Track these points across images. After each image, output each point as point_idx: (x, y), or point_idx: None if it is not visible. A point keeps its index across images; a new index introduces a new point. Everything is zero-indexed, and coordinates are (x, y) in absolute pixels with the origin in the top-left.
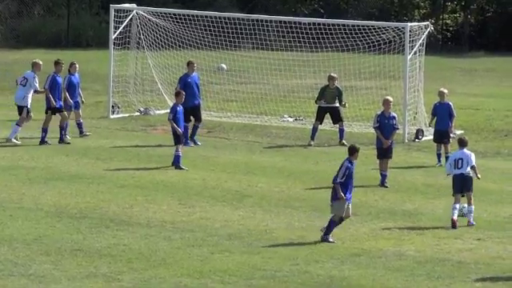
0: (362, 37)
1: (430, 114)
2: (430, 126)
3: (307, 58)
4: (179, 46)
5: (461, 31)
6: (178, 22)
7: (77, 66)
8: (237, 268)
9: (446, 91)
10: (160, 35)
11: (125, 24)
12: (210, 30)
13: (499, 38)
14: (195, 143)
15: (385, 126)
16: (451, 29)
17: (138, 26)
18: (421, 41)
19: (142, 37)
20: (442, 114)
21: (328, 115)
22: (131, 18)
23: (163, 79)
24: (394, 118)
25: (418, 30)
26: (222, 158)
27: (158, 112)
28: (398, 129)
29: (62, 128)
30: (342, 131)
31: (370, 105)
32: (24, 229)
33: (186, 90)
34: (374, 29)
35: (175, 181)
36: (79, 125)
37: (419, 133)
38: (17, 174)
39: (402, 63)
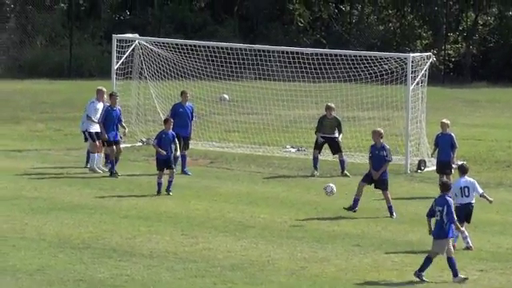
0: (365, 67)
1: (432, 145)
2: (432, 156)
3: (309, 89)
4: (181, 76)
5: (463, 62)
6: (180, 52)
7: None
8: None
9: (447, 122)
10: (162, 65)
11: (127, 54)
12: (212, 61)
13: (501, 68)
14: (186, 173)
15: (376, 157)
16: (453, 59)
17: (140, 56)
18: (423, 71)
19: (144, 67)
20: (444, 145)
21: (327, 145)
22: (133, 48)
23: (165, 109)
24: (384, 149)
25: (420, 60)
26: (224, 188)
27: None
28: (389, 160)
29: (114, 160)
30: (342, 162)
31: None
32: (27, 259)
33: (177, 119)
34: (377, 59)
35: (178, 211)
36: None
37: (421, 163)
38: (19, 204)
39: (405, 94)
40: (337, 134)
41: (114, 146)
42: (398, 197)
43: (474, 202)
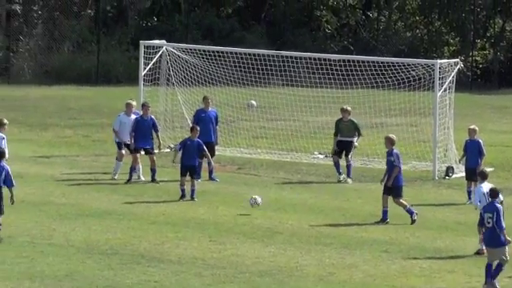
0: (392, 73)
1: (460, 151)
2: (460, 163)
3: (337, 95)
4: (209, 82)
5: (490, 68)
6: (207, 58)
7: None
8: None
9: (476, 128)
10: (189, 71)
11: (154, 60)
12: (240, 67)
13: None
14: (213, 180)
15: (388, 162)
16: (481, 66)
17: (167, 63)
18: (450, 78)
19: (171, 73)
20: (472, 152)
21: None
22: (161, 55)
23: (193, 115)
24: (391, 154)
25: (448, 66)
26: (252, 194)
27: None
28: (396, 166)
29: (152, 170)
30: (349, 167)
31: (400, 141)
32: (55, 265)
33: (200, 125)
34: (404, 66)
35: (206, 217)
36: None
37: (449, 170)
38: (47, 209)
39: (432, 100)
40: (355, 139)
41: (148, 156)
42: (425, 203)
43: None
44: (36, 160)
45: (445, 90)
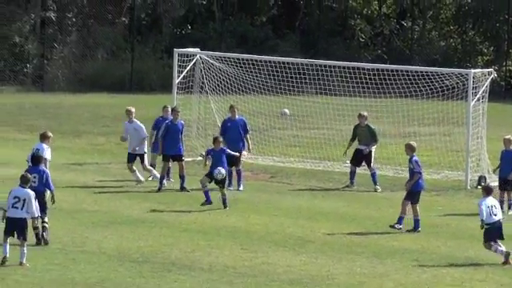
0: (426, 83)
1: (494, 161)
2: (494, 173)
3: (370, 104)
4: (242, 90)
5: None
6: (241, 66)
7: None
8: None
9: (511, 138)
10: (223, 80)
11: (188, 68)
12: (274, 75)
13: None
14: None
15: (409, 169)
16: None
17: (201, 71)
18: (484, 87)
19: (205, 81)
20: (506, 162)
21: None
22: (195, 63)
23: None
24: (410, 161)
25: (482, 76)
26: (284, 203)
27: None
28: (416, 172)
29: (181, 177)
30: (373, 176)
31: (433, 151)
32: (86, 272)
33: (227, 134)
34: (438, 75)
35: (237, 226)
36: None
37: (482, 179)
38: (80, 217)
39: (465, 110)
40: (372, 148)
41: (177, 162)
42: (457, 212)
43: (502, 218)
44: (69, 167)
45: (478, 99)
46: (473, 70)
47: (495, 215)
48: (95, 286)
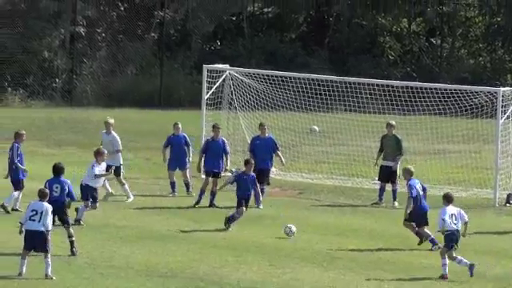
0: (455, 100)
1: None
2: None
3: (399, 121)
4: (271, 107)
5: None
6: (270, 83)
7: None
8: None
9: None
10: (252, 96)
11: (217, 84)
12: (303, 92)
13: None
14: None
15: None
16: None
17: (230, 87)
18: None
19: (234, 97)
20: None
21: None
22: (224, 79)
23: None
24: (406, 185)
25: (511, 94)
26: (312, 219)
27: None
28: (409, 197)
29: (213, 193)
30: (394, 192)
31: (462, 168)
32: (114, 287)
33: (256, 152)
34: (467, 93)
35: (266, 242)
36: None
37: (510, 197)
38: (108, 232)
39: (494, 127)
40: (397, 165)
41: (211, 178)
42: (485, 230)
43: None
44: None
45: (508, 117)
46: (502, 89)
47: (455, 224)
48: None
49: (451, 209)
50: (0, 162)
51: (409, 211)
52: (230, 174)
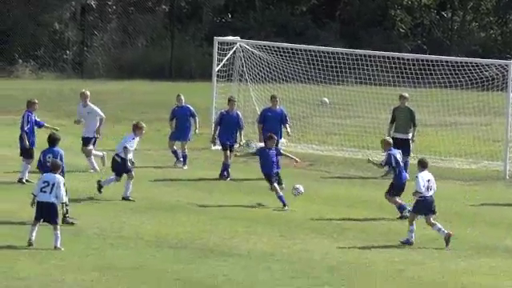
0: (465, 73)
1: None
2: None
3: (410, 93)
4: (282, 79)
5: None
6: (281, 55)
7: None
8: None
9: None
10: (263, 68)
11: (228, 56)
12: (313, 64)
13: None
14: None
15: None
16: None
17: (241, 59)
18: None
19: (244, 69)
20: None
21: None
22: (234, 51)
23: (259, 115)
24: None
25: None
26: (323, 191)
27: (259, 144)
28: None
29: (225, 165)
30: (406, 163)
31: (472, 140)
32: (124, 257)
33: (266, 124)
34: (477, 66)
35: (276, 213)
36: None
37: None
38: (118, 203)
39: (505, 100)
40: (410, 135)
41: (228, 152)
42: (495, 202)
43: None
44: (108, 154)
45: None
46: None
47: (430, 190)
48: (133, 272)
49: (426, 175)
50: (12, 133)
51: (389, 178)
52: (243, 147)
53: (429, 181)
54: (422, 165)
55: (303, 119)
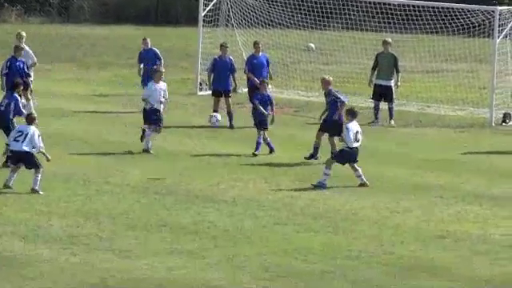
0: (451, 19)
1: None
2: None
3: (396, 39)
4: (268, 24)
5: None
6: (267, 0)
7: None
8: (321, 247)
9: None
10: (249, 13)
11: (215, 1)
12: (300, 9)
13: None
14: None
15: (327, 102)
16: None
17: (227, 4)
18: (510, 24)
19: (231, 14)
20: None
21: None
22: None
23: (245, 62)
24: (329, 94)
25: (508, 13)
26: (308, 137)
27: (245, 90)
28: (343, 102)
29: (229, 113)
30: (390, 110)
31: (458, 87)
32: (110, 203)
33: (254, 72)
34: (464, 11)
35: (261, 159)
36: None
37: (507, 117)
38: (104, 148)
39: (491, 47)
40: (392, 82)
41: (224, 98)
42: (482, 150)
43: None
44: (93, 99)
45: (505, 36)
46: (499, 7)
47: (357, 141)
48: (118, 217)
49: (355, 126)
50: None
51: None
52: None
53: (357, 132)
54: (352, 114)
55: (289, 65)
